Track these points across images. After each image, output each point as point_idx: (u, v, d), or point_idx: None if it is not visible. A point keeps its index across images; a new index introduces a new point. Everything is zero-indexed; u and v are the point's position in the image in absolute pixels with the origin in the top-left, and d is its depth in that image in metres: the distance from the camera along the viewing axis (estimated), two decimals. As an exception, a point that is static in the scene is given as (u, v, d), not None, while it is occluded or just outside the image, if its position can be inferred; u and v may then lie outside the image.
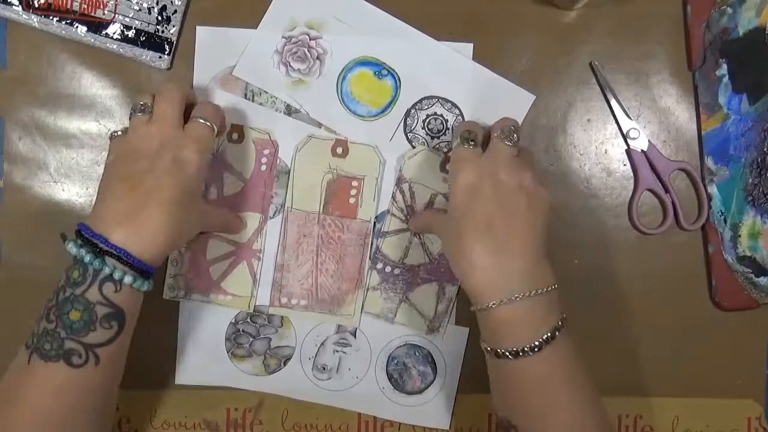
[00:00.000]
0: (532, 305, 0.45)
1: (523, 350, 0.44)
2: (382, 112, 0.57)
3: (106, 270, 0.44)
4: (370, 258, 0.57)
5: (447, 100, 0.57)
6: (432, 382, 0.58)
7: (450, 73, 0.56)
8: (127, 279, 0.44)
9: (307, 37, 0.56)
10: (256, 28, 0.56)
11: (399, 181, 0.56)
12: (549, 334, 0.44)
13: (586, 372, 0.47)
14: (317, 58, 0.56)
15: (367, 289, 0.57)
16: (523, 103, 0.57)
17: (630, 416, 0.58)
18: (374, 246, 0.57)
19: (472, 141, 0.49)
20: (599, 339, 0.58)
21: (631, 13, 0.57)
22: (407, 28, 0.56)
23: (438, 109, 0.57)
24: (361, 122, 0.56)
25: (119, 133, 0.50)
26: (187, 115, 0.50)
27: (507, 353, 0.44)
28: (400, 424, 0.58)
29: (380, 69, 0.57)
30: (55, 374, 0.44)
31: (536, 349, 0.44)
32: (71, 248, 0.45)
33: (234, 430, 0.57)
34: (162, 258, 0.47)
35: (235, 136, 0.56)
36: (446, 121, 0.57)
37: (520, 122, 0.56)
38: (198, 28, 0.56)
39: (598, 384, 0.58)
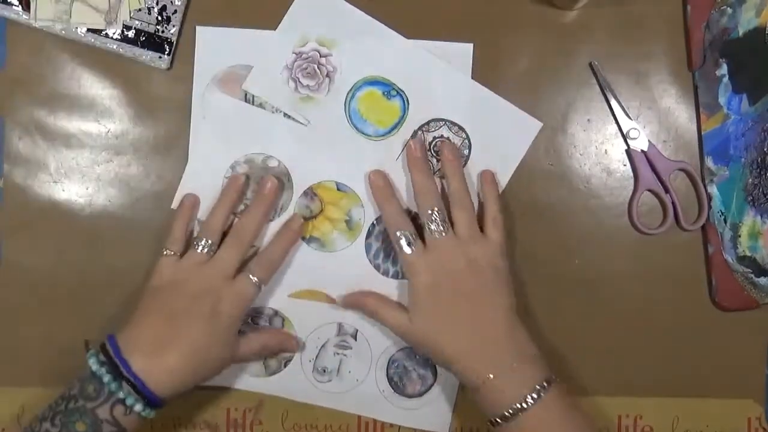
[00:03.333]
0: (513, 371, 0.48)
1: (508, 412, 0.47)
2: (389, 132, 0.56)
3: (121, 394, 0.45)
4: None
5: (454, 123, 0.57)
6: (432, 385, 0.57)
7: (458, 97, 0.56)
8: (138, 407, 0.46)
9: (318, 53, 0.56)
10: (256, 28, 0.56)
11: None
12: (535, 394, 0.47)
13: (584, 423, 0.49)
14: (327, 75, 0.56)
15: None
16: (530, 130, 0.57)
17: (630, 416, 0.58)
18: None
19: (409, 243, 0.51)
20: (599, 339, 0.58)
21: (631, 13, 0.57)
22: (417, 50, 0.56)
23: (445, 131, 0.56)
24: (367, 142, 0.56)
25: (171, 253, 0.51)
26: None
27: (498, 420, 0.47)
28: (399, 426, 0.58)
29: (389, 89, 0.56)
30: None
31: (521, 411, 0.46)
32: (92, 363, 0.46)
33: (234, 430, 0.57)
34: (173, 395, 0.48)
35: None
36: (453, 144, 0.57)
37: (525, 149, 0.57)
38: (198, 28, 0.56)
39: (598, 384, 0.58)
